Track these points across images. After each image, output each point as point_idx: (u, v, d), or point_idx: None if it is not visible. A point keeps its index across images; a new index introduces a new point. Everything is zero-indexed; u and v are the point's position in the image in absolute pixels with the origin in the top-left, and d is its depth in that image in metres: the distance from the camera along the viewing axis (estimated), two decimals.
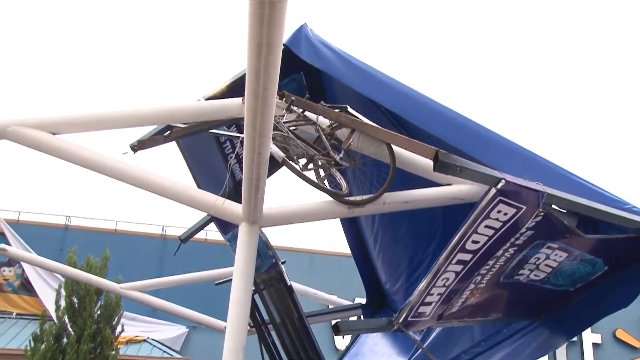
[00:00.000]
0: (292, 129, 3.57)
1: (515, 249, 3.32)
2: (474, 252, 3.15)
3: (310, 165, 3.61)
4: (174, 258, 7.00)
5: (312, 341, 4.80)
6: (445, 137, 3.70)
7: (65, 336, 10.62)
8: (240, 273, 3.19)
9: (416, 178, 3.48)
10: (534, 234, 3.23)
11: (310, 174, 3.58)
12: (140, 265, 15.72)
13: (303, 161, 3.60)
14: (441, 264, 3.14)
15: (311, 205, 3.41)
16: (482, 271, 3.38)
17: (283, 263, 4.80)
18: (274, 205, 3.39)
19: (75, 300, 10.94)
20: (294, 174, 3.42)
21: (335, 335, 16.20)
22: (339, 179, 3.49)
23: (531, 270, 3.57)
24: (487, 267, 3.37)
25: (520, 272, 3.57)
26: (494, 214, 2.99)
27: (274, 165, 3.46)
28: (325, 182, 3.59)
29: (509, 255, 3.36)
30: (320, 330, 6.44)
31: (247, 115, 2.58)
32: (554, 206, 3.15)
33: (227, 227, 4.99)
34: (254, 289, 4.55)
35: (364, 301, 6.58)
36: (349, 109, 3.67)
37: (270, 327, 5.12)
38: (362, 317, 6.48)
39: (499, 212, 2.99)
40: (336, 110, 3.60)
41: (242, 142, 2.83)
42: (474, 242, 3.09)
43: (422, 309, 3.35)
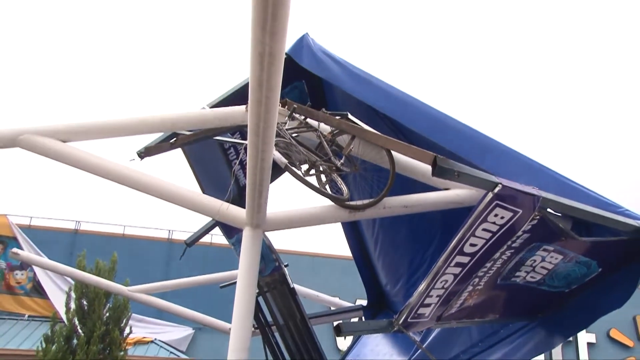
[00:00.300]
0: (295, 135, 3.56)
1: (512, 251, 3.30)
2: (471, 255, 3.13)
3: (312, 171, 3.60)
4: (180, 261, 7.00)
5: (315, 342, 4.77)
6: (443, 143, 3.69)
7: (76, 337, 10.64)
8: (245, 276, 3.18)
9: (415, 183, 3.46)
10: (530, 237, 3.21)
11: (312, 180, 3.57)
12: (147, 269, 15.72)
13: (305, 167, 3.59)
14: (440, 267, 3.12)
15: (313, 210, 3.39)
16: (480, 273, 3.36)
17: (286, 266, 4.78)
18: (277, 210, 3.37)
19: (85, 302, 10.97)
20: (296, 179, 3.41)
21: (337, 336, 16.12)
22: (340, 184, 3.47)
23: (527, 272, 3.55)
24: (485, 270, 3.36)
25: (517, 274, 3.56)
26: (491, 218, 2.97)
27: (276, 171, 3.45)
28: (327, 187, 3.58)
29: (505, 258, 3.35)
30: (322, 332, 6.42)
31: (251, 122, 2.57)
32: (550, 210, 3.14)
33: (232, 232, 4.98)
34: (258, 291, 4.53)
35: (365, 303, 6.55)
36: (350, 116, 3.66)
37: (274, 329, 5.09)
38: (363, 319, 6.45)
39: (496, 216, 2.97)
40: (337, 118, 3.59)
41: (246, 149, 2.82)
42: (472, 245, 3.08)
43: (422, 311, 3.33)
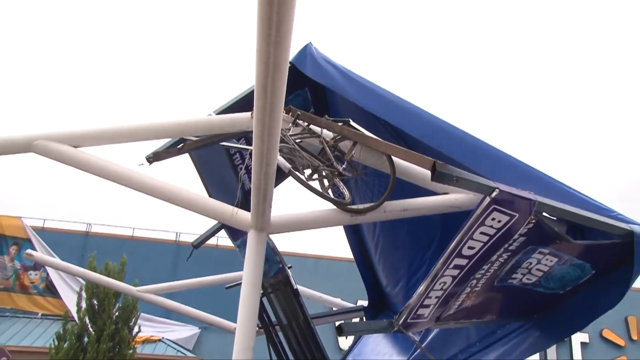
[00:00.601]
0: (298, 141, 3.56)
1: (509, 254, 3.29)
2: (469, 258, 3.13)
3: (315, 176, 3.59)
4: (187, 263, 6.98)
5: (317, 341, 4.76)
6: (442, 149, 3.68)
7: (86, 336, 10.66)
8: (249, 277, 3.17)
9: (415, 187, 3.46)
10: (526, 240, 3.20)
11: (315, 184, 3.56)
12: (155, 270, 15.70)
13: (308, 172, 3.59)
14: (439, 269, 3.11)
15: (316, 214, 3.38)
16: (478, 275, 3.35)
17: (290, 268, 4.77)
18: (281, 214, 3.36)
19: (96, 302, 10.98)
20: (299, 183, 3.40)
21: (339, 336, 16.14)
22: (342, 189, 3.47)
23: (524, 274, 3.54)
24: (482, 272, 3.35)
25: (514, 276, 3.54)
26: (488, 222, 2.97)
27: (280, 175, 3.44)
28: (329, 192, 3.58)
29: (502, 260, 3.34)
30: (324, 331, 6.40)
31: (256, 128, 2.57)
32: (545, 214, 3.13)
33: (237, 234, 4.97)
34: (262, 292, 4.52)
35: (366, 304, 6.53)
36: (352, 123, 3.66)
37: (278, 329, 5.08)
38: (365, 319, 6.43)
39: (493, 220, 2.97)
40: (339, 124, 3.58)
41: (251, 154, 2.82)
42: (470, 248, 3.07)
43: (421, 311, 3.32)
